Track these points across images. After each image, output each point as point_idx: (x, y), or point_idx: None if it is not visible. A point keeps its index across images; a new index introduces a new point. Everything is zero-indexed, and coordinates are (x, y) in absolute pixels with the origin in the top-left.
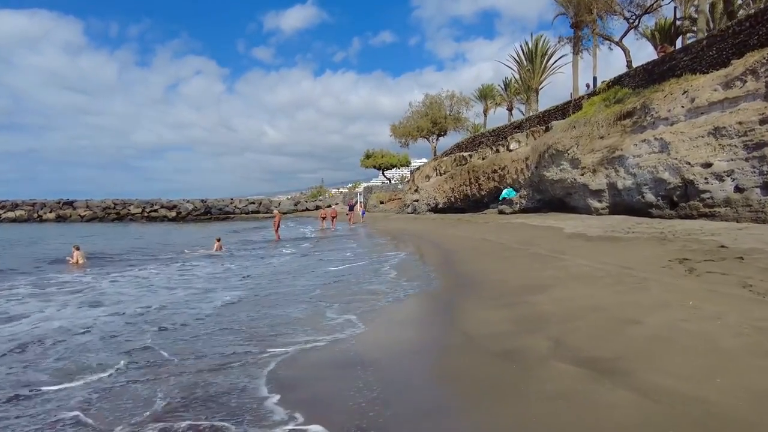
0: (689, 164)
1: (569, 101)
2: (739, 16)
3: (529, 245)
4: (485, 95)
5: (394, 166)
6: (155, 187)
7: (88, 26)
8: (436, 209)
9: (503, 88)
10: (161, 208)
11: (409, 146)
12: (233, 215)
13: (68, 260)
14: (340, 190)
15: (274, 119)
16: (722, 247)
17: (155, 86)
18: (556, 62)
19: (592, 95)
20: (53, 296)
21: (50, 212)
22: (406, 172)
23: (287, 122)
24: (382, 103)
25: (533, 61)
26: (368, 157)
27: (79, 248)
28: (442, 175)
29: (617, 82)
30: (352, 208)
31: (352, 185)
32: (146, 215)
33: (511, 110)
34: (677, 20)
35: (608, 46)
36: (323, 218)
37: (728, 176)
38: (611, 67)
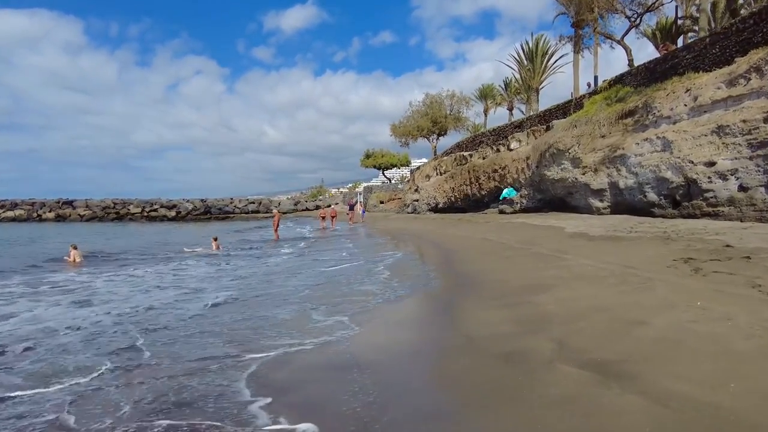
0: (692, 163)
1: (570, 100)
2: (741, 13)
3: (530, 245)
4: (485, 95)
5: (394, 165)
6: (155, 187)
7: (88, 26)
8: (436, 209)
9: (503, 87)
10: (161, 207)
11: (409, 146)
12: (233, 215)
13: (66, 259)
14: (340, 190)
15: (274, 119)
16: (728, 246)
17: (155, 86)
18: (556, 62)
19: (593, 94)
20: (44, 296)
21: (50, 212)
22: (406, 171)
23: (287, 122)
24: (382, 103)
25: (534, 60)
26: (368, 156)
27: (76, 247)
28: (442, 174)
29: (619, 80)
30: (352, 207)
31: (352, 185)
32: (146, 215)
33: (511, 110)
34: (678, 19)
35: (610, 44)
36: (323, 218)
37: (732, 175)
38: (612, 66)
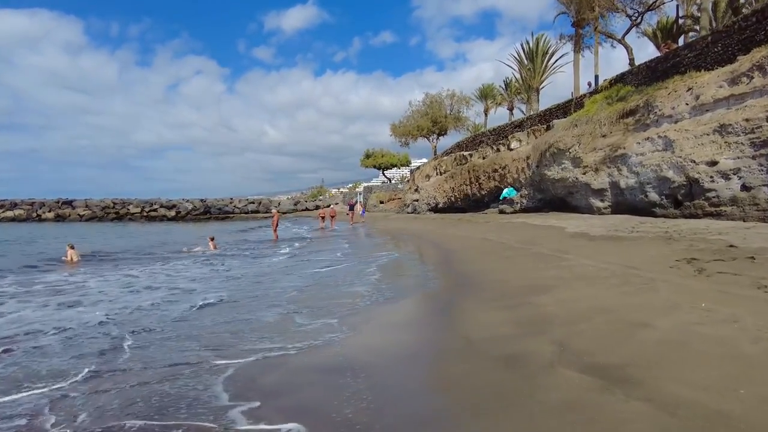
0: (694, 162)
1: (571, 100)
2: (743, 11)
3: (530, 245)
4: (486, 95)
5: (394, 165)
6: (155, 186)
7: (88, 26)
8: (436, 209)
9: (504, 87)
10: (161, 207)
11: (409, 146)
12: (233, 215)
13: (63, 259)
14: (340, 190)
15: (274, 119)
16: (731, 246)
17: (155, 86)
18: (557, 61)
19: (594, 93)
20: (35, 296)
21: (49, 211)
22: (406, 171)
23: (287, 122)
24: (382, 103)
25: (534, 60)
26: (368, 156)
27: (73, 247)
28: (442, 174)
29: (619, 79)
30: (352, 207)
31: (352, 185)
32: (145, 215)
33: (511, 110)
34: (679, 18)
35: (610, 44)
36: (322, 218)
37: (735, 174)
38: (613, 65)
